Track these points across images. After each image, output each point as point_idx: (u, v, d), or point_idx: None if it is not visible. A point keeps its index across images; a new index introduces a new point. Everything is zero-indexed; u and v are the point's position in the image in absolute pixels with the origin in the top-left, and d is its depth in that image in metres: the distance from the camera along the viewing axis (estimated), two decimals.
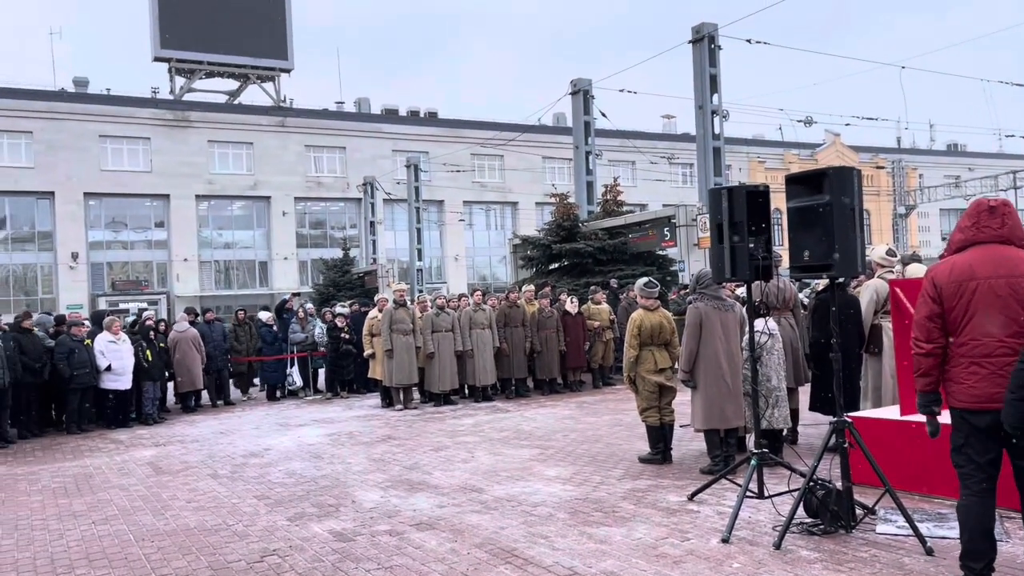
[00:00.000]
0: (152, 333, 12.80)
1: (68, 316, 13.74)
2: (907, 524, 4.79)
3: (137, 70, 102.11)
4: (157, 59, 43.87)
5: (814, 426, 8.34)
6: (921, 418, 4.16)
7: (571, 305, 13.53)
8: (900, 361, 6.25)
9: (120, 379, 11.86)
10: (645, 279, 7.84)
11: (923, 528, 4.84)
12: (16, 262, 39.21)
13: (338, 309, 15.40)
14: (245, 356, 14.94)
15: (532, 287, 14.45)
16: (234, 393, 14.96)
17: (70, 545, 5.87)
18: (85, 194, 39.04)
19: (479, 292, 13.79)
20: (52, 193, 38.33)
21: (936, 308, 3.96)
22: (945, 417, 4.03)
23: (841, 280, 6.20)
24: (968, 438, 3.89)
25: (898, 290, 6.33)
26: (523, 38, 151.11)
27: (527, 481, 7.11)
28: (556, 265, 18.72)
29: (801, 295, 10.02)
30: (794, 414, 7.80)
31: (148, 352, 12.38)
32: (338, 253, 33.39)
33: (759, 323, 6.64)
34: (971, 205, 4.13)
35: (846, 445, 5.09)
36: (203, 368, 13.62)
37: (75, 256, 38.52)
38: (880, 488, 5.07)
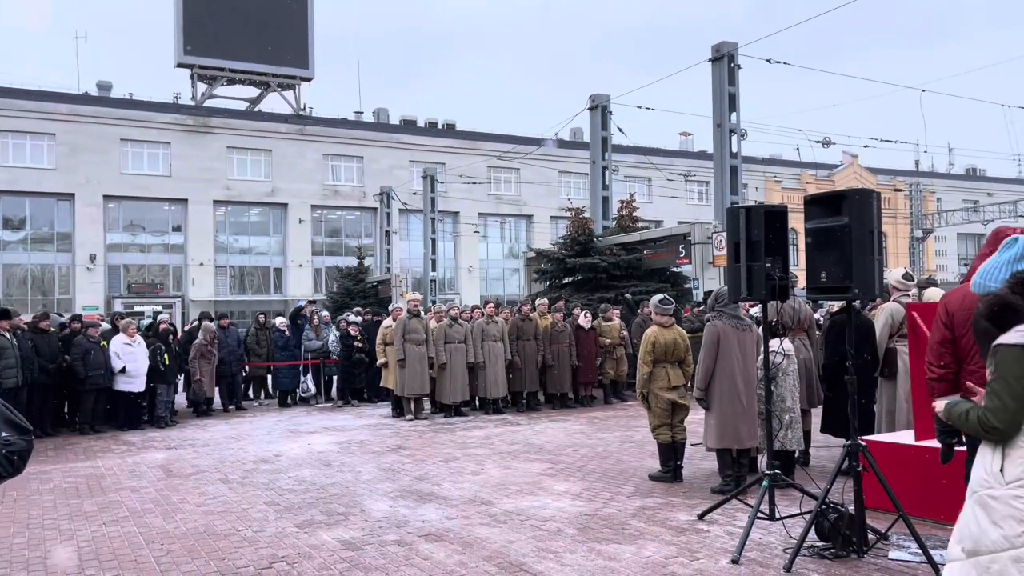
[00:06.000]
0: (172, 337, 12.93)
1: (85, 317, 13.86)
2: (920, 551, 4.75)
3: (160, 76, 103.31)
4: (180, 65, 44.41)
5: (826, 448, 8.29)
6: (936, 443, 4.14)
7: (584, 320, 13.51)
8: (916, 385, 6.21)
9: (134, 381, 11.95)
10: (660, 296, 7.82)
11: (936, 555, 4.79)
12: (35, 262, 39.59)
13: (351, 317, 15.45)
14: (264, 360, 15.07)
15: (545, 300, 14.44)
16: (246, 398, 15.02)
17: (81, 545, 5.90)
18: (104, 196, 39.42)
19: (492, 304, 13.79)
20: (72, 195, 38.73)
21: (948, 334, 3.96)
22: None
23: (857, 302, 6.17)
24: None
25: (915, 314, 6.29)
26: (543, 51, 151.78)
27: (536, 495, 7.09)
28: (570, 279, 18.71)
29: (817, 315, 9.99)
30: (807, 436, 7.76)
31: (166, 356, 12.46)
32: (353, 262, 33.56)
33: (775, 343, 6.61)
34: (992, 232, 4.12)
35: (860, 469, 5.05)
36: (215, 373, 13.69)
37: (93, 258, 38.86)
38: (893, 513, 5.03)
